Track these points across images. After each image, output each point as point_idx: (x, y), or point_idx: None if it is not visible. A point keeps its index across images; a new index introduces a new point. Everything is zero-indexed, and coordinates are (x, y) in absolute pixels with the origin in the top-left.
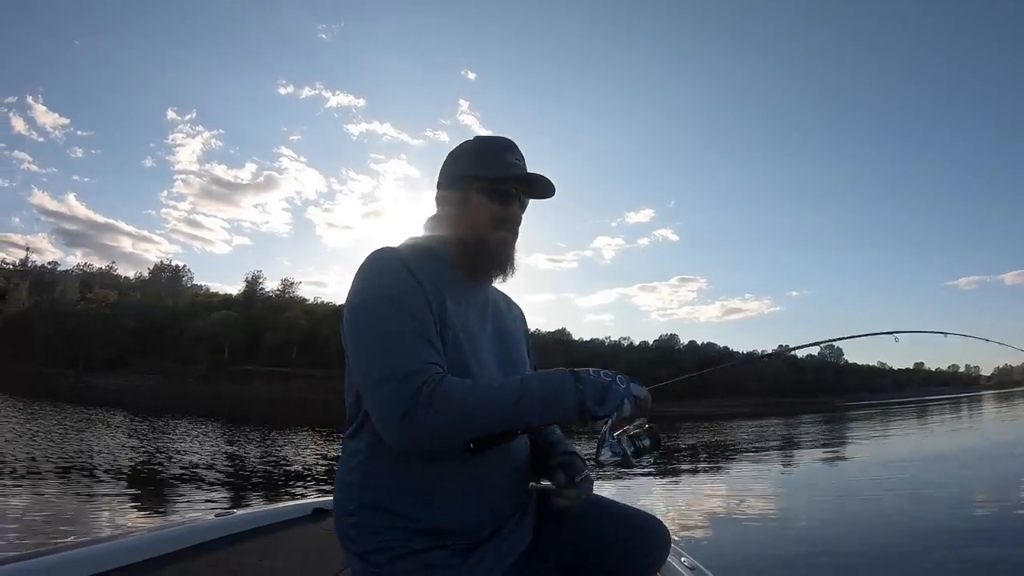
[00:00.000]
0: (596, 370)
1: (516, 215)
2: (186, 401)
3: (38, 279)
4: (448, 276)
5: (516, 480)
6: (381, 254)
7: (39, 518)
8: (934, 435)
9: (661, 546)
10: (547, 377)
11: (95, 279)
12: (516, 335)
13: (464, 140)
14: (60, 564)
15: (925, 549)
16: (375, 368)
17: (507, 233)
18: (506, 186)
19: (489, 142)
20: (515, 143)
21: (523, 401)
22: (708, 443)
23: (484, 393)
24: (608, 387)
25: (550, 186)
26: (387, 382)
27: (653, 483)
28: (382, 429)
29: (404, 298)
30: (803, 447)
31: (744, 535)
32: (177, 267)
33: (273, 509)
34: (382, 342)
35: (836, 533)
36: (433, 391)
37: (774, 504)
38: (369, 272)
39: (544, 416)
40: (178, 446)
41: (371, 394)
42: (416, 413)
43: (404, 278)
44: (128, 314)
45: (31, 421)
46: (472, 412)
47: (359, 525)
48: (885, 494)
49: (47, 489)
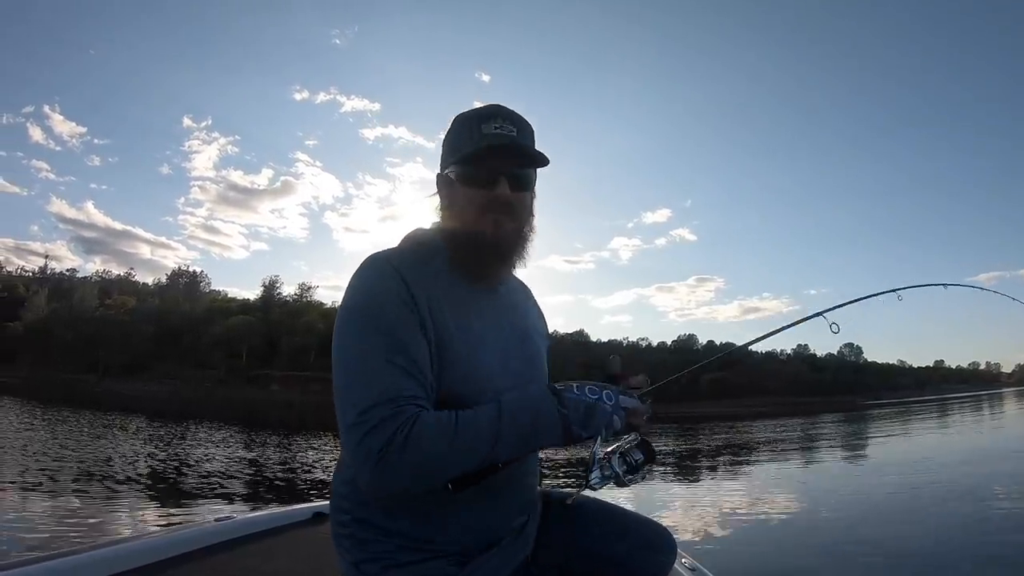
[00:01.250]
0: (581, 385)
1: (504, 195)
2: (204, 405)
3: (57, 286)
4: (449, 280)
5: (526, 494)
6: (374, 261)
7: (45, 523)
8: (956, 434)
9: (666, 555)
10: (527, 404)
11: (113, 285)
12: (533, 338)
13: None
14: (59, 569)
15: (944, 553)
16: (348, 406)
17: (499, 215)
18: (487, 162)
19: (466, 115)
20: (503, 108)
21: (503, 435)
22: (726, 444)
23: (460, 434)
24: (594, 407)
25: (532, 150)
26: (357, 428)
27: (660, 485)
28: (356, 475)
29: (391, 321)
30: (822, 448)
31: (749, 538)
32: (194, 272)
33: (273, 513)
34: (359, 377)
35: (849, 538)
36: (405, 438)
37: (787, 507)
38: (358, 283)
39: (527, 447)
40: (193, 451)
41: (343, 434)
42: (388, 463)
43: (394, 292)
44: (146, 320)
45: (50, 426)
46: (446, 455)
47: (353, 536)
48: (902, 498)
49: (59, 494)
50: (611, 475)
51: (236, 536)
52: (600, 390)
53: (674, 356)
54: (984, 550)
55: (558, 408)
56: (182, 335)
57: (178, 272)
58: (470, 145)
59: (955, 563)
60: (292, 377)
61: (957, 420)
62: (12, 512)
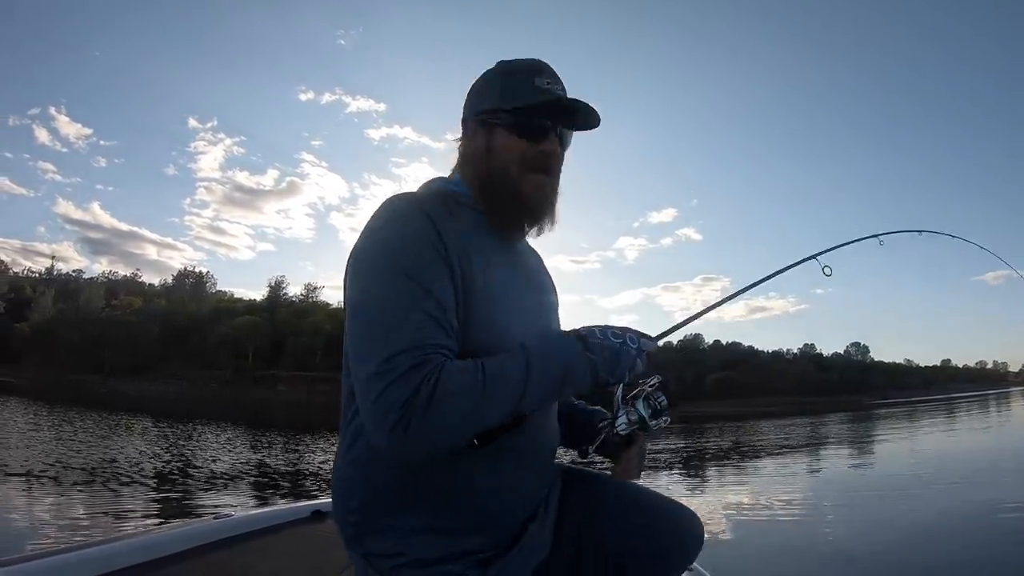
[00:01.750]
0: (603, 328)
1: (554, 152)
2: (210, 406)
3: (63, 287)
4: (476, 229)
5: (545, 471)
6: (402, 203)
7: (48, 521)
8: (963, 434)
9: (694, 543)
10: (554, 351)
11: (120, 286)
12: (549, 294)
13: (485, 69)
14: (56, 567)
15: (949, 553)
16: (370, 353)
17: (542, 175)
18: (538, 117)
19: (514, 65)
20: (547, 64)
21: (531, 385)
22: (731, 444)
23: (487, 385)
24: (619, 351)
25: (593, 113)
26: (380, 378)
27: (661, 485)
28: (372, 436)
29: (422, 268)
30: (829, 448)
31: (751, 539)
32: (200, 273)
33: (271, 511)
34: (383, 319)
35: (853, 538)
36: (432, 390)
37: (791, 508)
38: (385, 224)
39: (555, 395)
40: (198, 451)
41: (361, 388)
42: (412, 419)
43: (425, 236)
44: (153, 320)
45: (56, 427)
46: (474, 409)
47: (360, 524)
48: (908, 498)
49: (62, 492)
50: (637, 419)
51: (234, 534)
52: (623, 333)
53: (680, 355)
54: (992, 551)
55: (586, 354)
56: (188, 336)
57: (184, 273)
58: (523, 96)
59: (960, 563)
60: (298, 377)
61: (964, 419)
62: (15, 510)
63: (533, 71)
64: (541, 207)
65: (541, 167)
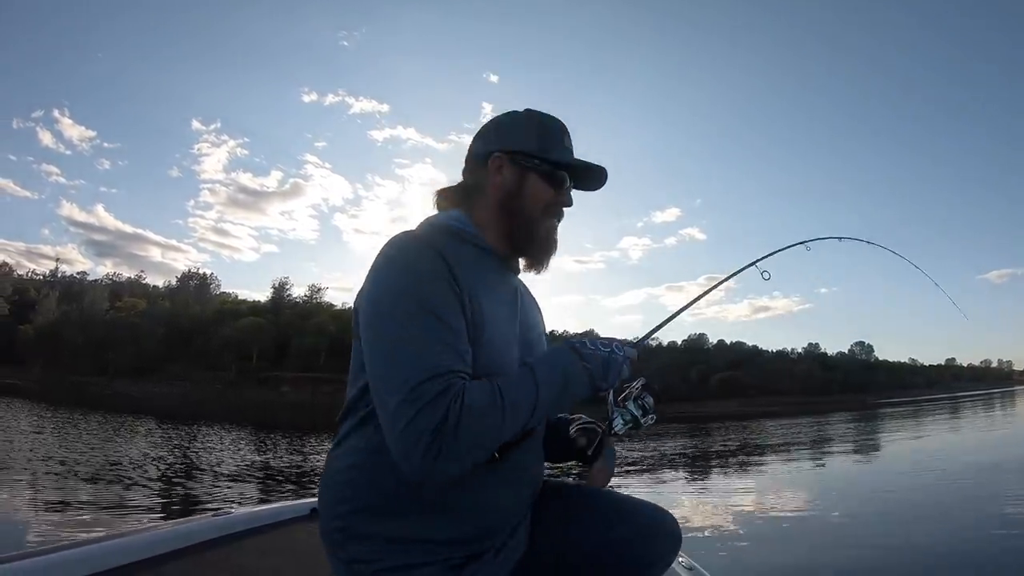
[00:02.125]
0: (593, 340)
1: (568, 204)
2: (214, 407)
3: (67, 289)
4: (482, 265)
5: (529, 488)
6: (414, 242)
7: (48, 519)
8: (968, 432)
9: (670, 543)
10: (554, 363)
11: (124, 288)
12: (539, 331)
13: (510, 111)
14: (56, 564)
15: (956, 555)
16: (395, 383)
17: (555, 221)
18: (565, 173)
19: (549, 121)
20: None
21: (540, 397)
22: (735, 443)
23: (507, 401)
24: (609, 359)
25: (604, 179)
26: (408, 405)
27: (665, 485)
28: (402, 462)
29: (438, 302)
30: (832, 447)
31: (754, 539)
32: (204, 275)
33: (270, 509)
34: (406, 352)
35: (859, 539)
36: (459, 416)
37: (794, 507)
38: (402, 262)
39: (562, 405)
40: (202, 452)
41: (389, 417)
42: (443, 447)
43: (440, 273)
44: (156, 322)
45: (59, 428)
46: (498, 426)
47: (346, 529)
48: (913, 497)
49: (65, 492)
50: (630, 419)
51: (233, 532)
52: (609, 342)
53: (685, 356)
54: (998, 550)
55: (582, 363)
56: (192, 337)
57: (188, 274)
58: (557, 152)
59: (968, 564)
60: (303, 378)
61: (969, 418)
62: (17, 509)
63: (563, 131)
64: (549, 251)
65: (557, 216)
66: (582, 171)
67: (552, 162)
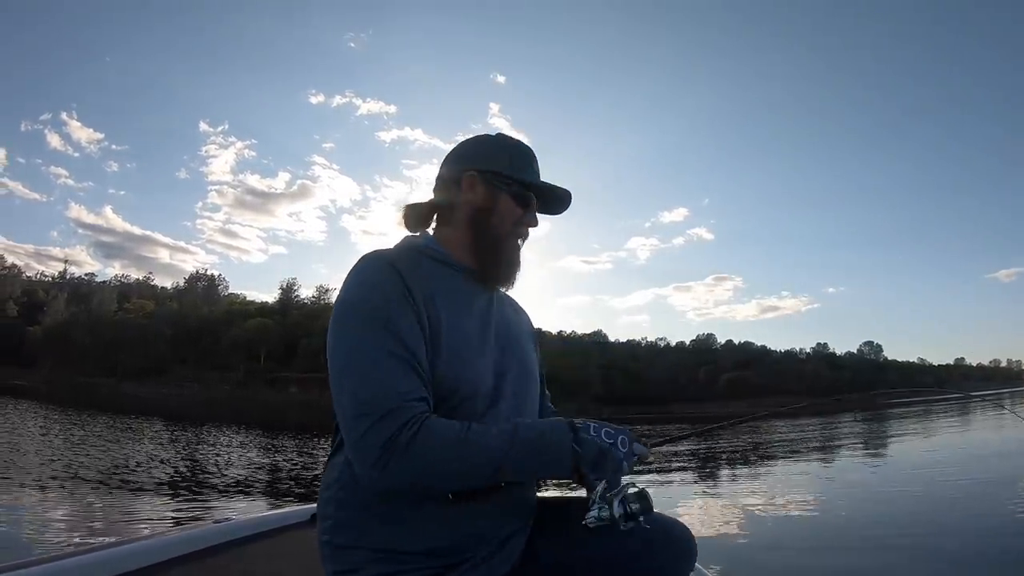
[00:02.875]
0: (599, 425)
1: (534, 224)
2: (223, 408)
3: (76, 291)
4: (447, 280)
5: (517, 499)
6: (371, 259)
7: (49, 525)
8: (978, 432)
9: (684, 557)
10: (543, 431)
11: (132, 290)
12: (524, 344)
13: (482, 134)
14: (56, 572)
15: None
16: (349, 399)
17: (520, 243)
18: (533, 194)
19: (520, 145)
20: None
21: (512, 456)
22: (742, 443)
23: (469, 446)
24: (607, 453)
25: (568, 203)
26: (362, 419)
27: (670, 486)
28: (356, 470)
29: (390, 314)
30: (841, 447)
31: (759, 540)
32: (212, 276)
33: (272, 515)
34: (360, 368)
35: (869, 542)
36: (412, 437)
37: (802, 508)
38: (356, 279)
39: (533, 474)
40: (209, 454)
41: (345, 428)
42: (391, 461)
43: (393, 288)
44: (165, 323)
45: (66, 430)
46: (453, 465)
47: (332, 544)
48: (924, 498)
49: (68, 497)
50: (608, 517)
51: (234, 538)
52: (616, 435)
53: (693, 356)
54: (1009, 552)
55: (572, 445)
56: (200, 338)
57: (196, 276)
58: (528, 174)
59: (977, 566)
60: (310, 379)
61: (979, 418)
62: (17, 513)
63: (533, 156)
64: (514, 268)
65: (523, 236)
66: (548, 194)
67: (522, 182)
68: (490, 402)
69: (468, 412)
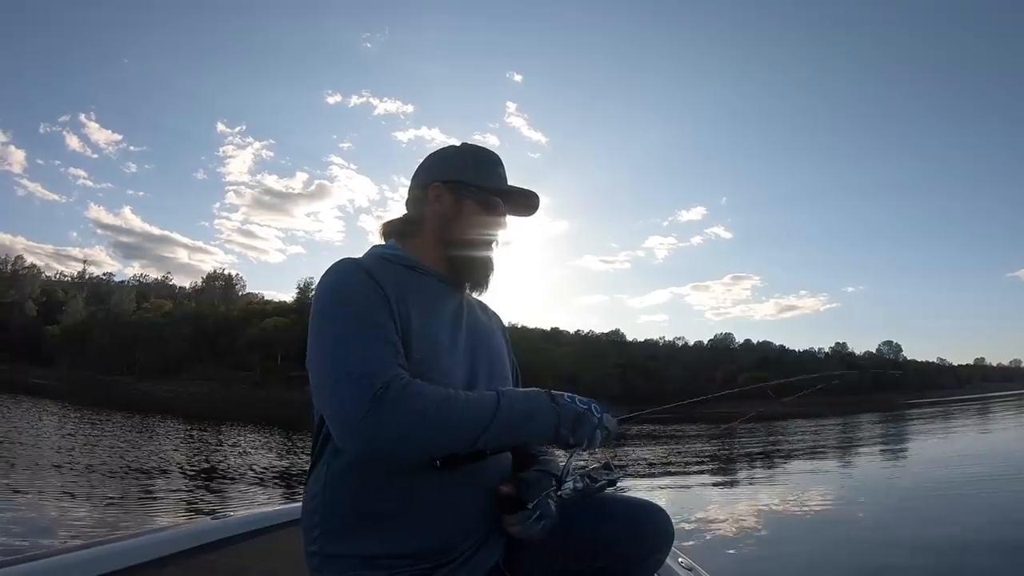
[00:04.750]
0: (572, 395)
1: (503, 227)
2: (240, 406)
3: (95, 290)
4: (417, 285)
5: (492, 501)
6: (342, 263)
7: (50, 521)
8: (998, 434)
9: (661, 539)
10: (525, 396)
11: (151, 289)
12: (495, 344)
13: (447, 145)
14: (49, 569)
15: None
16: (332, 368)
17: (490, 246)
18: (499, 199)
19: (483, 152)
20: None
21: (500, 417)
22: (764, 444)
23: (460, 403)
24: (583, 416)
25: (536, 205)
26: (346, 380)
27: (673, 487)
28: (339, 435)
29: (363, 302)
30: (860, 448)
31: (766, 541)
32: (230, 275)
33: (268, 512)
34: (339, 342)
35: (881, 545)
36: (403, 390)
37: (816, 510)
38: (331, 281)
39: (518, 436)
40: (227, 452)
41: (328, 397)
42: (380, 414)
43: (366, 288)
44: (182, 322)
45: (80, 428)
46: (444, 421)
47: (321, 553)
48: (941, 501)
49: (73, 494)
50: (582, 488)
51: (231, 534)
52: (589, 402)
53: (711, 355)
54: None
55: (552, 405)
56: (217, 337)
57: (213, 275)
58: (493, 180)
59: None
60: None
61: (999, 420)
62: (24, 509)
63: (498, 162)
64: (487, 272)
65: (493, 240)
66: (515, 197)
67: (486, 189)
68: None
69: None
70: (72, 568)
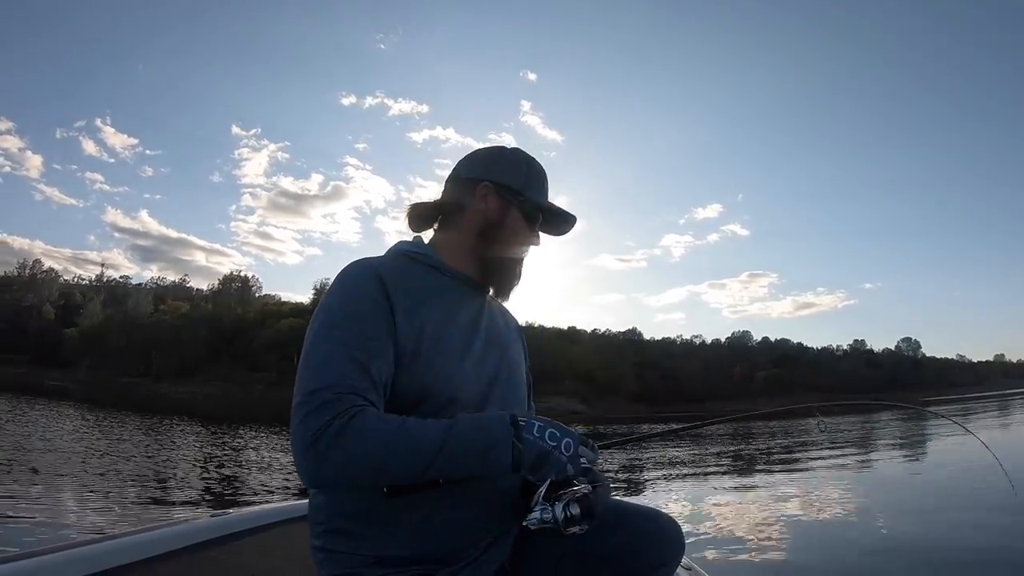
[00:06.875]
0: (544, 425)
1: (537, 243)
2: (256, 407)
3: (112, 293)
4: (438, 287)
5: (500, 504)
6: (355, 264)
7: (49, 518)
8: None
9: (671, 548)
10: (483, 426)
11: (168, 292)
12: (511, 354)
13: (500, 145)
14: (51, 565)
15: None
16: (298, 390)
17: (524, 257)
18: (541, 215)
19: (535, 165)
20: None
21: (448, 451)
22: (783, 442)
23: (403, 436)
24: (548, 456)
25: (571, 227)
26: (301, 408)
27: (681, 490)
28: (295, 457)
29: (356, 318)
30: (879, 448)
31: (774, 551)
32: (246, 277)
33: (269, 508)
34: (314, 364)
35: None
36: (344, 424)
37: (830, 510)
38: (336, 283)
39: (471, 468)
40: (235, 451)
41: (292, 412)
42: (320, 447)
43: (368, 294)
44: (199, 324)
45: (97, 429)
46: (383, 455)
47: (325, 549)
48: (958, 501)
49: (78, 492)
50: (551, 519)
51: (231, 532)
52: (561, 437)
53: (728, 353)
54: None
55: (513, 442)
56: (234, 339)
57: (230, 277)
58: (540, 195)
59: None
60: None
61: (1019, 417)
62: (35, 505)
63: (545, 177)
64: (514, 283)
65: (526, 254)
66: (555, 216)
67: (534, 203)
68: (475, 409)
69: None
70: (72, 565)
